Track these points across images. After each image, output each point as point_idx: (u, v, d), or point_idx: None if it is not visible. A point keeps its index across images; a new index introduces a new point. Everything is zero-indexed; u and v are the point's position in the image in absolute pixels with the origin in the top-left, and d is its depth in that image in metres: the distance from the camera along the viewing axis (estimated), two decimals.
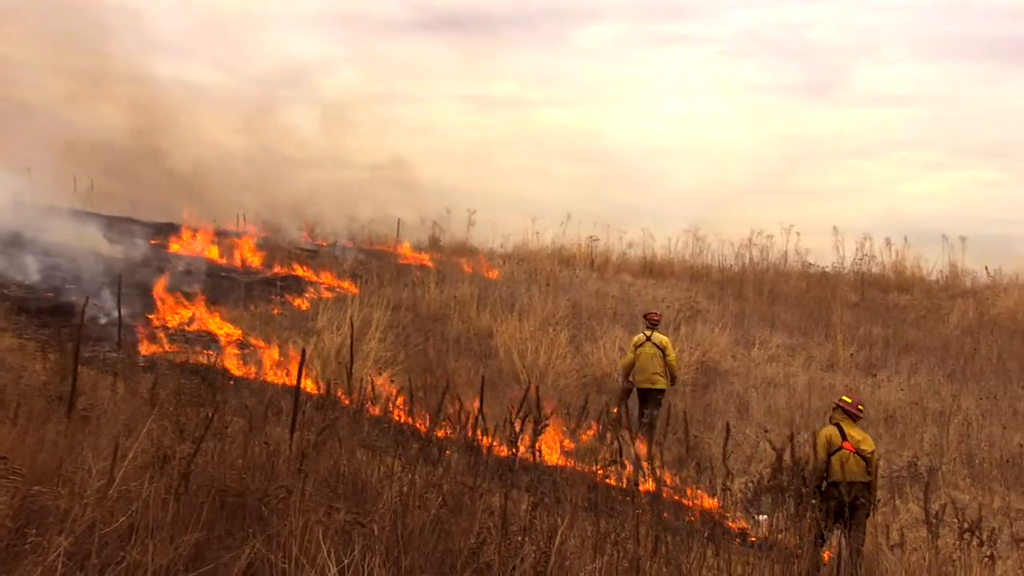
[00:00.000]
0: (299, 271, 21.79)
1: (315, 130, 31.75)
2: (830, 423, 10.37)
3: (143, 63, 28.60)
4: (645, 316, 15.95)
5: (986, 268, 28.38)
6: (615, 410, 13.86)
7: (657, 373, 14.94)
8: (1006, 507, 12.06)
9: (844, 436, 10.08)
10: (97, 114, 23.89)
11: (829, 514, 9.42)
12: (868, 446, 10.15)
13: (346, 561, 5.73)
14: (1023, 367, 18.93)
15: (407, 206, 28.55)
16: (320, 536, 5.85)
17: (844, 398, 10.58)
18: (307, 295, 19.74)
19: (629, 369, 15.13)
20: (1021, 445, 14.12)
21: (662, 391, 14.97)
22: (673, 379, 15.25)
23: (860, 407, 10.56)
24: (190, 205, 23.58)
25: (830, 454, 9.97)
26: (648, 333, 15.29)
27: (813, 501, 9.35)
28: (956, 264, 29.14)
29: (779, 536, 7.27)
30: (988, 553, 7.90)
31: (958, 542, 8.12)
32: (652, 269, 28.61)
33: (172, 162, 24.69)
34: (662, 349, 15.09)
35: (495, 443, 8.63)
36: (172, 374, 10.21)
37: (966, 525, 7.91)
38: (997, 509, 11.97)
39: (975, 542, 7.98)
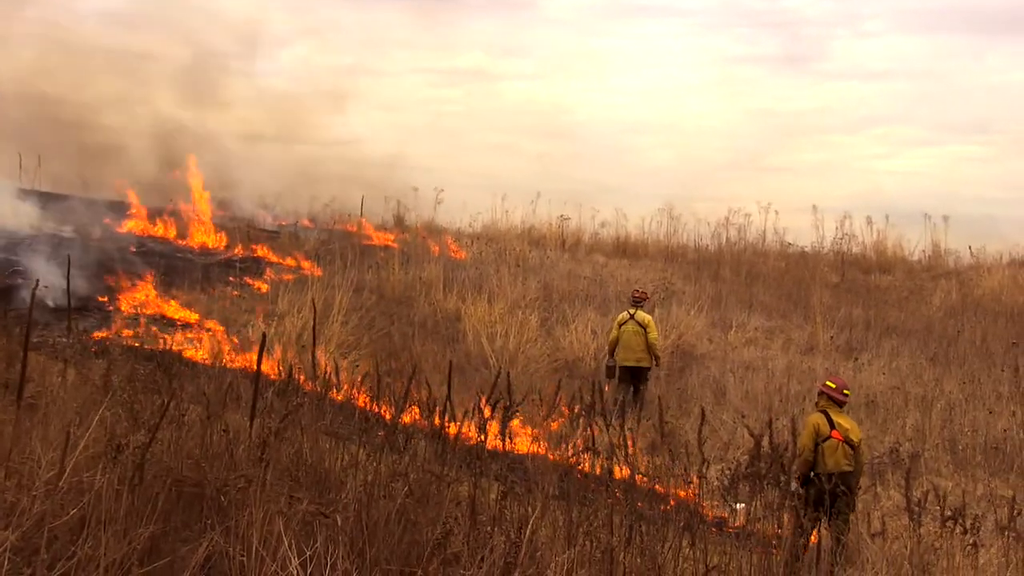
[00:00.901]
0: (259, 252, 21.67)
1: (272, 105, 31.49)
2: (816, 410, 10.44)
3: (93, 33, 28.30)
4: (631, 295, 16.55)
5: (970, 248, 28.70)
6: (606, 386, 14.81)
7: (641, 351, 15.46)
8: (989, 494, 12.21)
9: (832, 424, 10.16)
10: (42, 89, 23.64)
11: (809, 503, 9.51)
12: (856, 435, 10.24)
13: (308, 553, 5.72)
14: (1007, 350, 19.14)
15: (371, 184, 28.44)
16: (281, 527, 5.84)
17: (828, 383, 10.65)
18: (267, 277, 19.65)
19: (613, 347, 15.63)
20: (1005, 430, 14.28)
21: (647, 369, 15.56)
22: (656, 359, 15.71)
23: (845, 391, 10.63)
24: (143, 183, 23.37)
25: (817, 443, 10.04)
26: (632, 311, 15.78)
27: (794, 489, 9.45)
28: (939, 244, 29.44)
29: (757, 525, 7.32)
30: (971, 541, 8.00)
31: (940, 530, 8.22)
32: (625, 249, 28.69)
33: (123, 138, 24.49)
34: (644, 327, 15.53)
35: (463, 430, 8.64)
36: (126, 359, 10.13)
37: (948, 513, 8.01)
38: (980, 496, 12.12)
39: (958, 530, 8.08)
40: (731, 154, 54.69)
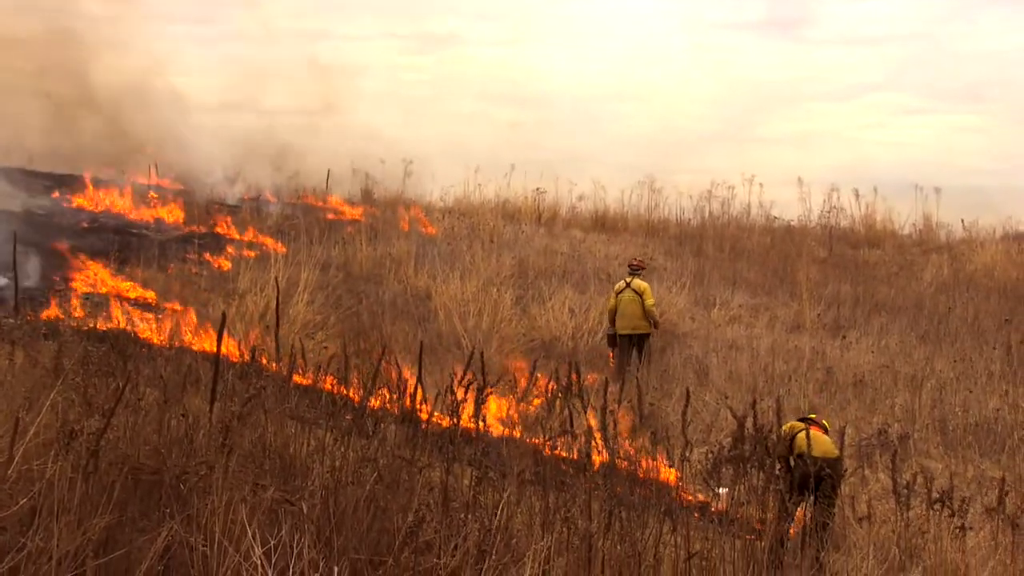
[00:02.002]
0: (219, 228, 21.55)
1: (233, 71, 31.24)
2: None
3: None
4: (629, 263, 17.71)
5: (962, 221, 28.89)
6: (611, 354, 16.48)
7: (638, 318, 16.52)
8: (980, 475, 12.36)
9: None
10: None
11: (794, 487, 9.59)
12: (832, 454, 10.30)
13: (273, 542, 5.73)
14: (1000, 327, 19.32)
15: (337, 156, 28.28)
16: (244, 516, 5.84)
17: (811, 415, 10.90)
18: (228, 254, 19.56)
19: (612, 315, 16.73)
20: (997, 410, 14.42)
21: (645, 336, 16.59)
22: (655, 324, 16.70)
23: (825, 423, 10.88)
24: (95, 155, 23.15)
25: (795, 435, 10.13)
26: (628, 280, 16.90)
27: (778, 472, 9.52)
28: (930, 217, 29.64)
29: (740, 510, 7.38)
30: (959, 524, 8.09)
31: (928, 513, 8.31)
32: (604, 224, 28.71)
33: (72, 108, 24.22)
34: (640, 294, 16.53)
35: (435, 413, 8.65)
36: (78, 341, 10.06)
37: (936, 495, 8.09)
38: (971, 478, 12.26)
39: (945, 513, 8.17)
40: (714, 124, 54.75)
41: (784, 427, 10.11)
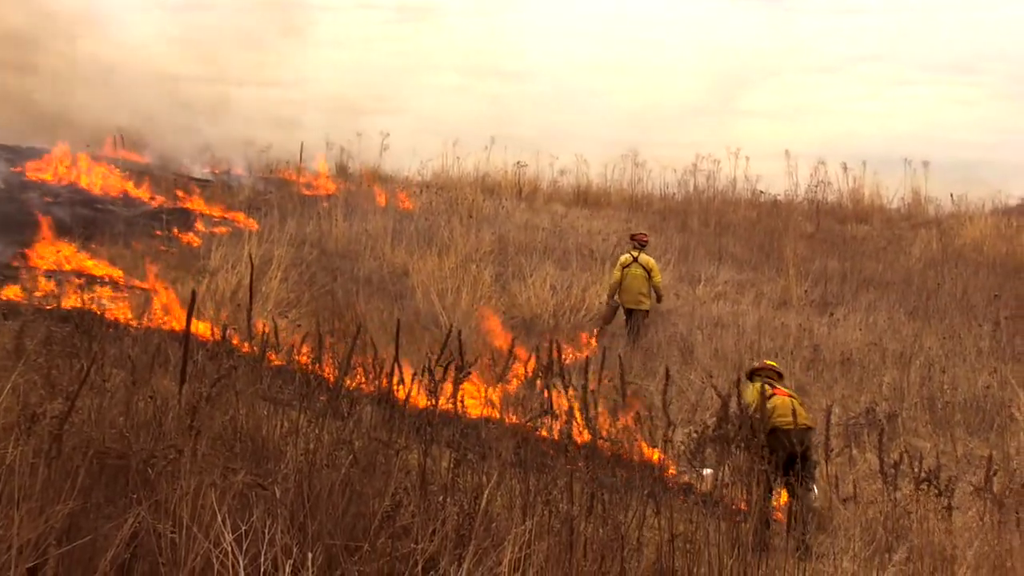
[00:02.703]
0: (189, 203, 21.41)
1: (205, 42, 30.97)
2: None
3: None
4: (632, 237, 18.18)
5: (951, 195, 29.02)
6: (595, 330, 16.85)
7: (642, 293, 17.14)
8: (968, 454, 12.42)
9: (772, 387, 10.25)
10: None
11: (778, 466, 9.59)
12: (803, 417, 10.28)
13: (244, 528, 5.69)
14: (989, 303, 19.40)
15: (312, 129, 28.16)
16: (214, 501, 5.80)
17: (766, 360, 10.93)
18: (198, 230, 19.44)
19: (615, 289, 17.27)
20: (987, 387, 14.50)
21: (647, 312, 17.18)
22: (659, 298, 17.28)
23: (769, 362, 10.91)
24: (56, 127, 22.92)
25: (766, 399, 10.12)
26: (635, 254, 17.45)
27: (764, 452, 9.52)
28: (919, 191, 29.76)
29: (725, 491, 7.38)
30: (946, 504, 8.12)
31: (915, 493, 8.34)
32: (587, 198, 28.72)
33: (31, 78, 23.99)
34: (648, 271, 17.18)
35: (412, 394, 8.62)
36: (41, 321, 9.99)
37: (923, 475, 8.12)
38: (960, 456, 12.33)
39: (932, 493, 8.20)
40: (698, 96, 54.74)
41: (749, 394, 9.99)
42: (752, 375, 10.61)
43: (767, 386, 10.23)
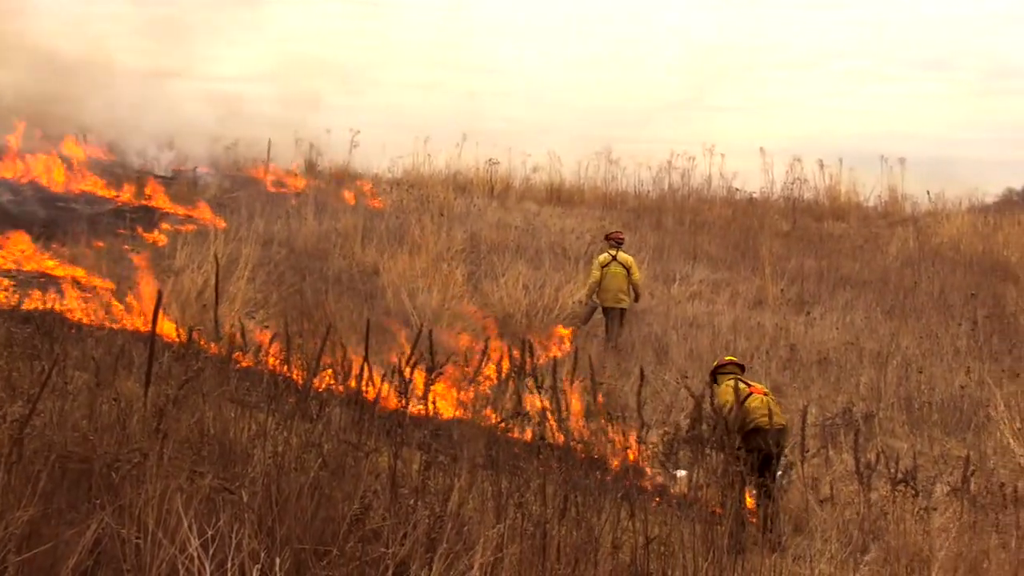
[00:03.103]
0: (153, 201, 21.29)
1: (170, 35, 30.82)
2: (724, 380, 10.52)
3: None
4: (608, 236, 18.28)
5: (928, 192, 29.21)
6: (571, 330, 16.75)
7: (623, 291, 17.18)
8: (945, 454, 12.52)
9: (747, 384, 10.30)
10: None
11: (754, 468, 9.63)
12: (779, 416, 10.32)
13: (210, 533, 5.67)
14: (966, 301, 19.55)
15: (279, 125, 28.02)
16: (180, 505, 5.77)
17: (726, 358, 10.97)
18: (163, 228, 19.34)
19: (595, 289, 17.30)
20: (963, 387, 14.61)
21: (625, 310, 17.26)
22: (637, 296, 17.57)
23: (729, 357, 10.98)
24: (15, 121, 22.71)
25: (743, 400, 10.15)
26: (613, 252, 17.44)
27: (740, 452, 9.56)
28: (895, 188, 29.93)
29: (699, 493, 7.42)
30: (923, 505, 8.19)
31: (892, 494, 8.41)
32: (560, 196, 28.73)
33: None
34: (627, 268, 17.28)
35: (382, 395, 8.61)
36: (0, 322, 9.93)
37: (900, 476, 8.19)
38: (936, 456, 12.42)
39: (909, 493, 8.27)
40: (673, 92, 54.93)
41: (725, 393, 10.00)
42: (716, 373, 10.62)
43: (742, 384, 10.29)
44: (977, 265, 22.89)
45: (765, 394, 10.34)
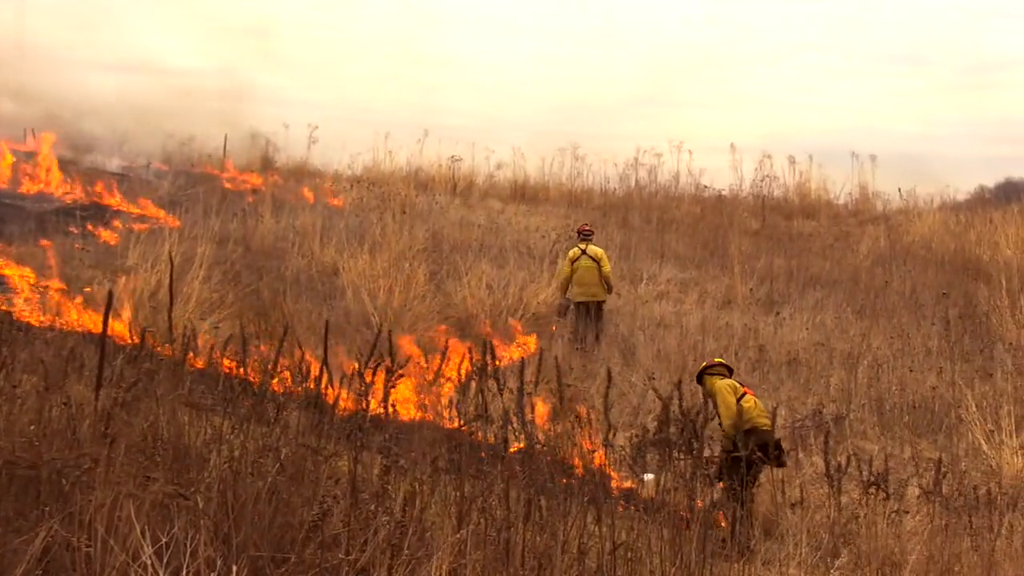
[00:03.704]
0: (104, 198, 21.14)
1: (119, 26, 30.61)
2: (717, 379, 10.60)
3: None
4: (578, 230, 18.50)
5: (899, 190, 29.47)
6: (553, 327, 17.20)
7: (596, 285, 17.25)
8: (916, 456, 12.62)
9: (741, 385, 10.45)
10: None
11: (750, 468, 9.66)
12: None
13: (164, 540, 5.64)
14: (938, 301, 19.70)
15: (235, 121, 27.90)
16: (132, 512, 5.74)
17: (704, 364, 11.01)
18: (115, 227, 19.20)
19: (566, 285, 17.45)
20: (934, 388, 14.73)
21: (602, 303, 17.37)
22: (609, 288, 17.61)
23: (718, 359, 11.01)
24: None
25: (738, 400, 10.24)
26: (583, 246, 17.56)
27: (732, 455, 9.59)
28: (866, 186, 30.18)
29: (667, 497, 7.45)
30: (895, 508, 8.26)
31: (863, 497, 8.48)
32: (524, 194, 28.77)
33: None
34: (597, 261, 17.32)
35: (342, 398, 8.60)
36: None
37: (871, 478, 8.25)
38: (907, 459, 12.52)
39: (881, 496, 8.33)
40: (640, 87, 55.14)
41: (726, 393, 10.12)
42: (703, 375, 10.68)
43: (735, 382, 10.40)
44: (949, 264, 23.08)
45: (755, 396, 10.47)
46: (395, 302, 16.73)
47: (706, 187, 29.41)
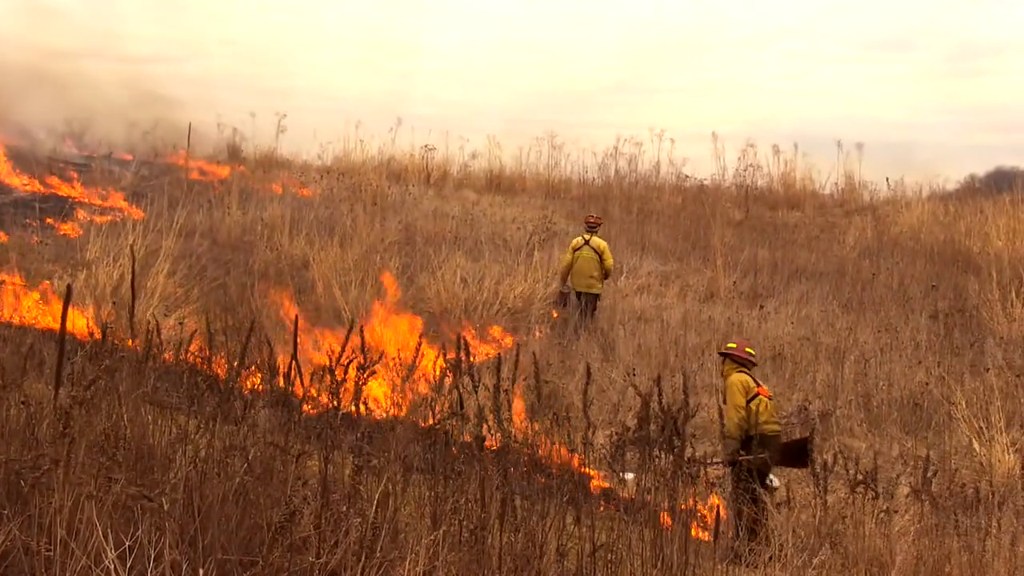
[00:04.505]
0: (65, 190, 21.03)
1: (79, 11, 30.44)
2: (734, 371, 10.59)
3: None
4: (585, 220, 19.07)
5: (887, 180, 29.60)
6: (555, 314, 17.79)
7: (593, 277, 17.87)
8: (904, 454, 12.69)
9: (756, 382, 10.41)
10: None
11: (753, 476, 9.68)
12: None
13: (128, 543, 5.63)
14: (927, 293, 19.81)
15: (202, 109, 27.81)
16: (94, 514, 5.72)
17: (730, 344, 10.91)
18: (76, 219, 19.12)
19: (567, 273, 18.06)
20: (924, 384, 14.79)
21: (597, 295, 17.95)
22: (607, 275, 18.32)
23: (748, 350, 10.88)
24: None
25: (748, 401, 10.22)
26: (587, 237, 18.22)
27: (727, 458, 9.61)
28: (852, 175, 30.30)
29: (647, 497, 7.46)
30: (883, 507, 8.29)
31: (851, 496, 8.51)
32: (500, 184, 28.80)
33: None
34: (599, 253, 17.97)
35: (312, 395, 8.58)
36: None
37: (859, 477, 8.29)
38: (896, 456, 12.59)
39: (869, 495, 8.37)
40: (618, 73, 55.12)
41: (738, 390, 10.11)
42: (726, 357, 10.68)
43: (750, 378, 10.36)
44: (938, 255, 23.19)
45: (770, 398, 10.42)
46: (367, 296, 16.72)
47: (688, 177, 29.55)
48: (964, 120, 54.70)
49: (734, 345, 10.81)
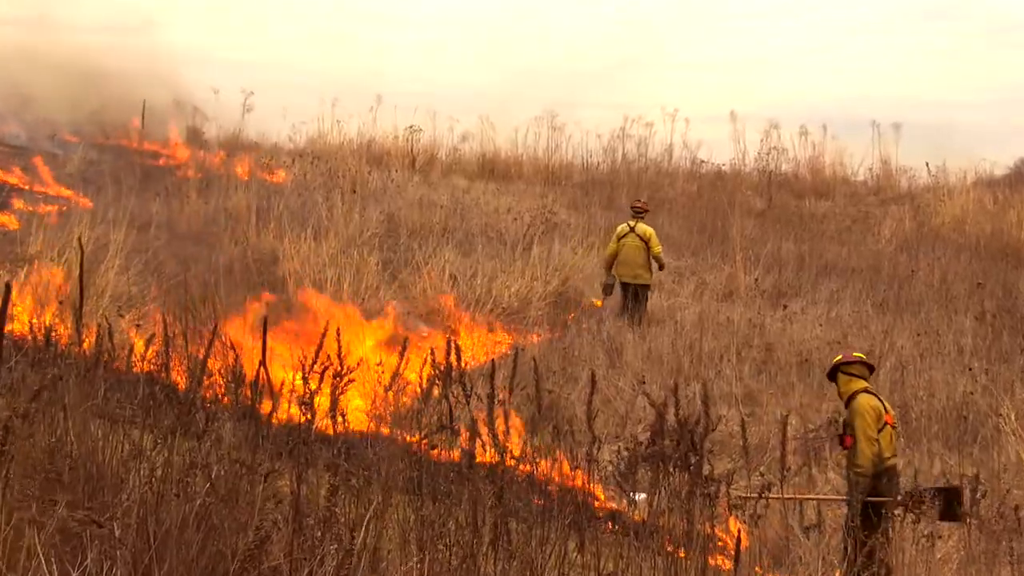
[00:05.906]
0: (2, 175, 21.01)
1: None
2: (859, 389, 10.42)
3: None
4: (632, 206, 19.52)
5: (927, 165, 29.55)
6: (599, 302, 18.36)
7: (640, 266, 18.46)
8: (947, 472, 12.67)
9: (884, 407, 10.27)
10: None
11: (884, 514, 9.57)
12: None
13: (75, 574, 5.61)
14: (972, 292, 19.78)
15: (157, 85, 27.74)
16: (36, 541, 5.70)
17: (836, 359, 10.75)
18: (15, 209, 19.09)
19: (611, 262, 18.64)
20: (969, 393, 14.73)
21: (646, 286, 18.56)
22: (661, 266, 19.05)
23: (857, 354, 10.77)
24: None
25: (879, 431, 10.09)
26: (632, 223, 18.76)
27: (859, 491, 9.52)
28: (889, 160, 30.30)
29: (661, 520, 7.44)
30: (926, 532, 8.27)
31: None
32: (494, 170, 28.79)
33: None
34: (646, 241, 18.49)
35: (283, 407, 8.56)
36: None
37: (899, 497, 8.27)
38: (937, 474, 12.56)
39: (908, 520, 8.35)
40: (629, 48, 55.06)
41: (868, 414, 9.96)
42: (838, 371, 10.46)
43: (879, 402, 10.19)
44: (985, 249, 23.18)
45: (894, 426, 10.29)
46: (345, 294, 16.70)
47: (704, 162, 29.57)
48: (1013, 98, 54.66)
49: (840, 357, 10.65)
